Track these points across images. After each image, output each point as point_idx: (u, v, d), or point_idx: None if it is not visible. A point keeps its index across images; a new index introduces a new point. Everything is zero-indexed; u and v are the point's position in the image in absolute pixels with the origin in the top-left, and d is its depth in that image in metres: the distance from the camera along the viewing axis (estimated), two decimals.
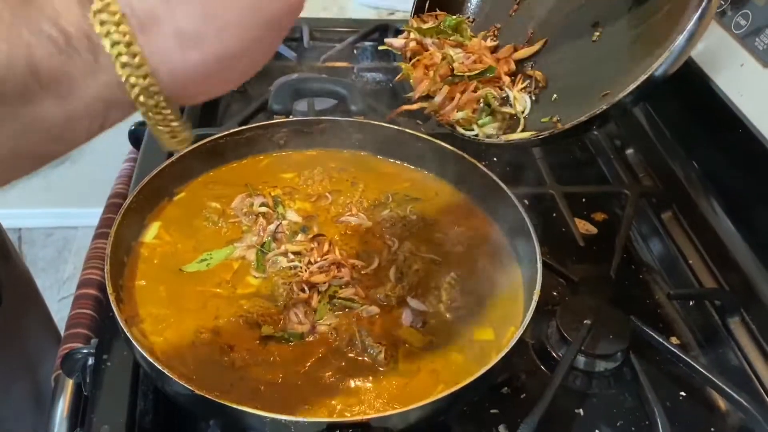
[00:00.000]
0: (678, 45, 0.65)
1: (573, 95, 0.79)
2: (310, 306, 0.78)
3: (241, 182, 0.95)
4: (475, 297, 0.82)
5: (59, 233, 2.68)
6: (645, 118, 1.18)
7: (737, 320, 0.91)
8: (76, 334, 0.94)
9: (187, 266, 0.83)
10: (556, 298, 0.92)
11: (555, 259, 0.93)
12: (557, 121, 0.77)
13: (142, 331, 0.75)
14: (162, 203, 0.91)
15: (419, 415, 0.65)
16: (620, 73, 0.72)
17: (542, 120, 0.79)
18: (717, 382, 0.80)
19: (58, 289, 2.46)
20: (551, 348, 0.84)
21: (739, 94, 0.94)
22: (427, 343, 0.76)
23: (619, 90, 0.69)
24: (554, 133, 0.75)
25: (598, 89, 0.73)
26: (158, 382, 0.69)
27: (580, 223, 1.05)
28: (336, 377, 0.72)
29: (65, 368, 0.81)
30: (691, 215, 1.04)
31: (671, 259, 1.03)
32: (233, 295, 0.80)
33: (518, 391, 0.80)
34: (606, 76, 0.75)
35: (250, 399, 0.69)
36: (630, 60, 0.73)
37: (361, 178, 0.98)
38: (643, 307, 0.95)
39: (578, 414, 0.79)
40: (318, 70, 1.35)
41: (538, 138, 0.77)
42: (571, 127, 0.73)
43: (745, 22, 0.93)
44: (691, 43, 0.66)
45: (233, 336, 0.75)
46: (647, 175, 1.14)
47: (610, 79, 0.73)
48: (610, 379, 0.83)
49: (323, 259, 0.82)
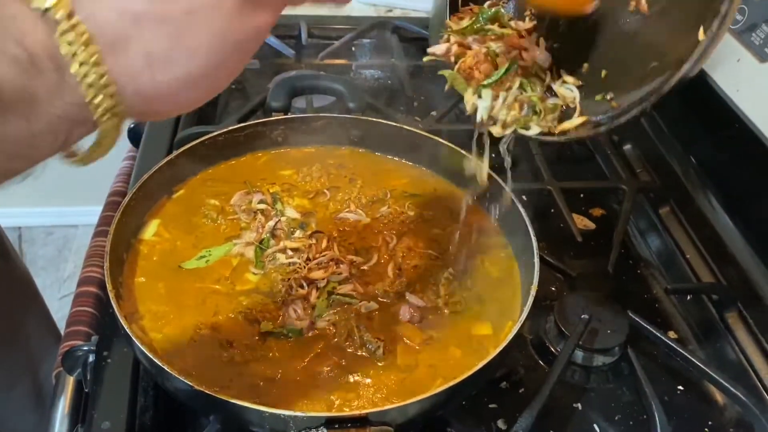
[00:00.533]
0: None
1: (623, 69, 0.74)
2: (309, 302, 0.79)
3: (239, 179, 0.95)
4: (473, 292, 0.83)
5: (59, 232, 2.69)
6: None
7: (734, 314, 0.92)
8: (76, 331, 0.94)
9: (186, 263, 0.84)
10: (554, 293, 0.92)
11: (553, 254, 0.94)
12: (611, 99, 0.72)
13: (142, 327, 0.75)
14: (161, 201, 0.91)
15: (418, 409, 0.65)
16: (673, 41, 0.67)
17: (596, 98, 0.74)
18: (714, 376, 0.80)
19: (59, 288, 2.46)
20: (549, 343, 0.84)
21: (736, 90, 0.94)
22: (425, 339, 0.77)
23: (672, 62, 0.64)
24: (613, 116, 0.70)
25: (648, 60, 0.69)
26: (158, 378, 0.70)
27: (578, 219, 1.05)
28: (335, 372, 0.73)
29: (66, 365, 0.82)
30: (688, 210, 1.05)
31: (669, 254, 1.03)
32: (232, 291, 0.81)
33: (516, 385, 0.81)
34: (656, 44, 0.70)
35: (250, 394, 0.69)
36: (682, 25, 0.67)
37: (360, 175, 0.98)
38: (640, 301, 0.95)
39: (576, 408, 0.80)
40: (316, 67, 1.35)
41: (599, 126, 0.72)
42: (628, 106, 0.69)
43: (741, 17, 0.93)
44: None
45: (232, 332, 0.76)
46: (645, 170, 1.15)
47: (659, 50, 0.69)
48: (608, 373, 0.83)
49: (322, 255, 0.83)
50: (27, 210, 2.66)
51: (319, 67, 1.35)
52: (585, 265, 0.97)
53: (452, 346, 0.76)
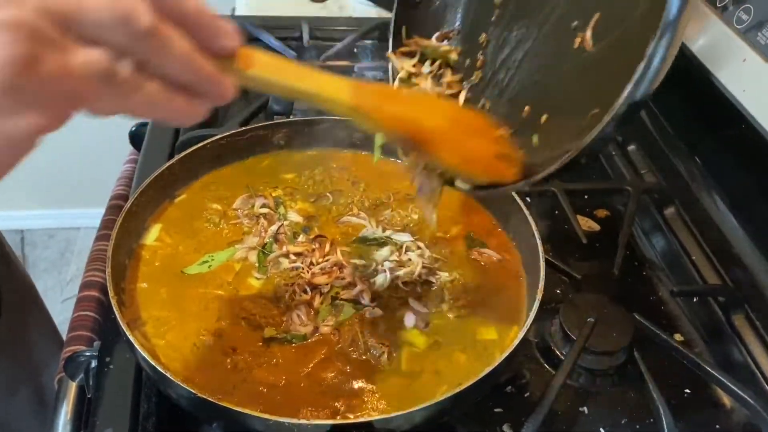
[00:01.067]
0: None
1: (562, 115, 0.66)
2: (313, 307, 0.78)
3: (242, 183, 0.95)
4: (477, 296, 0.82)
5: (61, 234, 2.68)
6: (647, 114, 1.17)
7: (741, 316, 0.91)
8: (78, 336, 0.94)
9: (188, 268, 0.83)
10: (558, 295, 0.92)
11: (557, 256, 0.93)
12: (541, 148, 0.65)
13: (145, 333, 0.75)
14: (163, 205, 0.90)
15: (423, 415, 0.65)
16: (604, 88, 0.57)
17: (533, 142, 0.67)
18: (721, 378, 0.79)
19: (61, 290, 2.46)
20: (555, 346, 0.84)
21: (742, 90, 0.93)
22: (429, 344, 0.76)
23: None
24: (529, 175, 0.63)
25: (588, 107, 0.60)
26: (161, 385, 0.69)
27: (583, 220, 1.04)
28: (339, 378, 0.72)
29: (68, 371, 0.81)
30: (693, 211, 1.04)
31: (674, 256, 1.02)
32: (235, 296, 0.80)
33: (522, 389, 0.80)
34: (597, 89, 0.61)
35: (253, 401, 0.69)
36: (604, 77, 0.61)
37: (362, 178, 0.98)
38: (646, 303, 0.94)
39: (582, 412, 0.79)
40: (318, 68, 1.34)
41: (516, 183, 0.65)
42: (542, 163, 0.61)
43: (747, 16, 0.92)
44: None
45: (235, 338, 0.75)
46: (649, 171, 1.14)
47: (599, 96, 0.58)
48: (614, 376, 0.83)
49: (325, 260, 0.82)
50: (29, 213, 2.66)
51: (321, 68, 1.34)
52: (590, 267, 0.96)
53: (457, 351, 0.76)
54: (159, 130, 1.11)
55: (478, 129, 0.70)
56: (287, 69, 0.56)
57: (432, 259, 0.85)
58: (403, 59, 0.78)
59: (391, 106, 0.63)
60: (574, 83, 0.65)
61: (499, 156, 0.68)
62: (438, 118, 0.67)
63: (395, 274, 0.82)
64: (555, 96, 0.68)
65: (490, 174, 0.67)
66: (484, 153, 0.68)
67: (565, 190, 1.06)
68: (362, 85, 0.61)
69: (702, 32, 1.00)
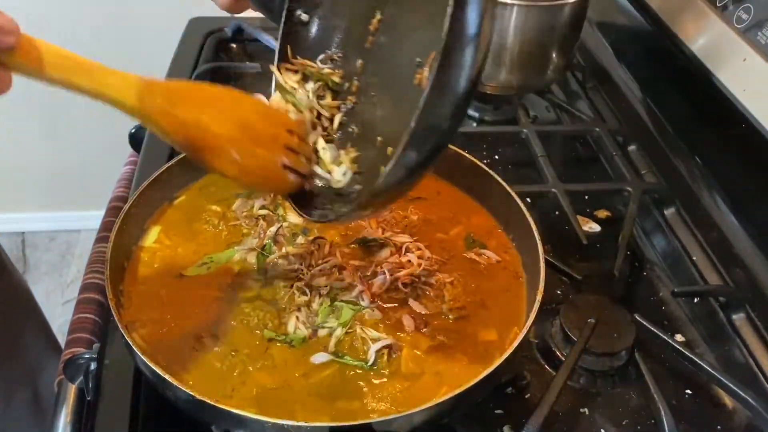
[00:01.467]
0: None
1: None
2: (312, 309, 0.78)
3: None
4: (477, 297, 0.82)
5: (62, 237, 2.69)
6: (647, 114, 1.17)
7: (742, 317, 0.91)
8: (78, 338, 0.94)
9: (187, 270, 0.83)
10: (559, 296, 0.91)
11: (558, 257, 0.93)
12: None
13: (143, 336, 0.75)
14: (162, 207, 0.90)
15: (423, 417, 0.64)
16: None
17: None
18: (723, 379, 0.79)
19: (62, 293, 2.47)
20: (555, 347, 0.83)
21: (742, 89, 0.93)
22: (429, 345, 0.76)
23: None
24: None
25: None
26: (160, 387, 0.69)
27: (583, 221, 1.04)
28: (338, 380, 0.72)
29: (68, 373, 0.81)
30: (694, 212, 1.04)
31: (675, 256, 1.02)
32: (234, 298, 0.80)
33: (522, 390, 0.80)
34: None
35: (252, 403, 0.68)
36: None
37: None
38: (647, 304, 0.94)
39: (583, 413, 0.79)
40: None
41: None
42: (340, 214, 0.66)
43: (747, 16, 0.92)
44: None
45: (234, 340, 0.75)
46: (650, 171, 1.14)
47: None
48: (615, 377, 0.82)
49: (324, 261, 0.82)
50: (30, 215, 2.66)
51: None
52: (590, 267, 0.96)
53: (458, 352, 0.75)
54: None
55: (271, 135, 0.69)
56: (71, 64, 0.53)
57: (431, 261, 0.85)
58: (288, 74, 0.77)
59: (180, 108, 0.62)
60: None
61: (287, 167, 0.67)
62: (229, 123, 0.66)
63: (395, 276, 0.81)
64: (396, 130, 0.64)
65: (270, 186, 0.68)
66: (269, 163, 0.67)
67: (566, 190, 1.06)
68: (154, 84, 0.59)
69: (702, 32, 1.00)
